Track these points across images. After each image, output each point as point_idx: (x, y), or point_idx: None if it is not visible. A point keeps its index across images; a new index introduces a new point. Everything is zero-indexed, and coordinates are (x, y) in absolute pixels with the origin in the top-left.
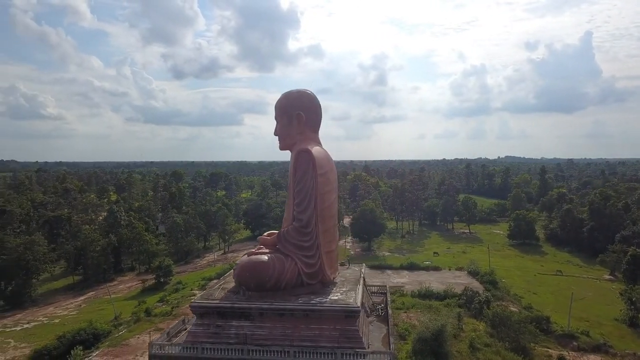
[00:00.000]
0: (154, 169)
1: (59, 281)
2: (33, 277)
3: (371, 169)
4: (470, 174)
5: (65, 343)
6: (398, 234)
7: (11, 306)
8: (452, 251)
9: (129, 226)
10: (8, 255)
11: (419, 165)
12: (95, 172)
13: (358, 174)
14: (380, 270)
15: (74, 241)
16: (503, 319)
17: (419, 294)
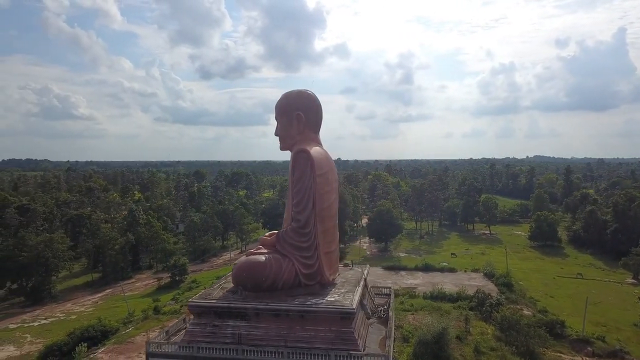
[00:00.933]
0: (180, 168)
1: (80, 278)
2: (52, 274)
3: (394, 168)
4: (495, 174)
5: (75, 339)
6: (417, 235)
7: (31, 302)
8: (470, 252)
9: (147, 225)
10: (28, 252)
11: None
12: (121, 172)
13: (378, 173)
14: (394, 271)
15: (93, 239)
16: (512, 322)
17: (431, 296)
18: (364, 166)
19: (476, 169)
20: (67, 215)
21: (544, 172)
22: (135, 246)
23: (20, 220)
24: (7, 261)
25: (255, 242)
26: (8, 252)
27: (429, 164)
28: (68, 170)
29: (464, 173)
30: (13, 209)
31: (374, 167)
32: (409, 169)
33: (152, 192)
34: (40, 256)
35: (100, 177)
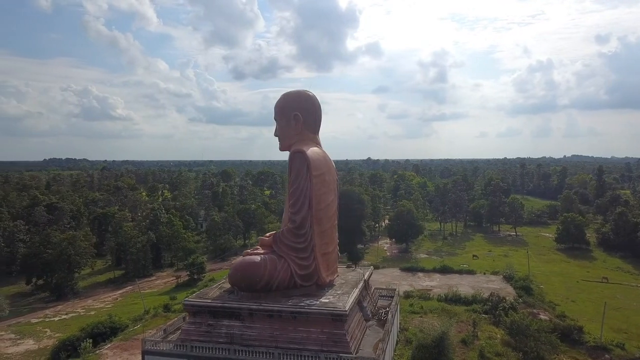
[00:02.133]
0: (212, 167)
1: (103, 275)
2: (75, 271)
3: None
4: (526, 174)
5: (85, 335)
6: (440, 236)
7: (55, 298)
8: (492, 254)
9: (168, 224)
10: (52, 249)
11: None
12: (152, 171)
13: (402, 173)
14: (411, 272)
15: (115, 237)
16: (521, 327)
17: (445, 298)
18: (394, 166)
19: (507, 169)
20: (94, 213)
21: (580, 172)
22: (157, 244)
23: (48, 218)
24: (33, 258)
25: None
26: (34, 249)
27: (461, 163)
28: (103, 170)
29: (492, 173)
30: (42, 207)
31: (404, 167)
32: (439, 169)
33: (180, 191)
34: (63, 253)
35: (132, 176)
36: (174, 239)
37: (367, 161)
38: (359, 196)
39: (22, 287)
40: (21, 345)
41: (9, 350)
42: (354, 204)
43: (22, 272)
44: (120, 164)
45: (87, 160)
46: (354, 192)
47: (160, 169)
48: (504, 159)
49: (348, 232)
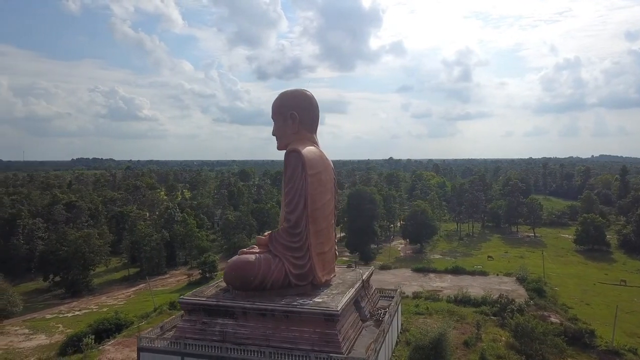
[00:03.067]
0: (234, 167)
1: (119, 272)
2: (89, 268)
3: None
4: (548, 174)
5: (91, 331)
6: (456, 236)
7: (70, 294)
8: (508, 255)
9: (182, 222)
10: (68, 247)
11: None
12: (174, 171)
13: (419, 173)
14: (422, 273)
15: (130, 236)
16: (526, 329)
17: (455, 300)
18: (416, 166)
19: (529, 169)
20: (112, 212)
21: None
22: (171, 243)
23: (67, 216)
24: (50, 255)
25: None
26: (51, 246)
27: (485, 163)
28: (127, 169)
29: (515, 173)
30: (61, 206)
31: (426, 167)
32: (461, 169)
33: (198, 191)
34: (78, 251)
35: (153, 176)
36: (187, 237)
37: (388, 161)
38: (371, 196)
39: (40, 284)
40: (33, 340)
41: (22, 345)
42: (365, 204)
43: (40, 268)
44: (145, 164)
45: (113, 160)
46: (365, 192)
47: (183, 169)
48: (529, 158)
49: (359, 232)
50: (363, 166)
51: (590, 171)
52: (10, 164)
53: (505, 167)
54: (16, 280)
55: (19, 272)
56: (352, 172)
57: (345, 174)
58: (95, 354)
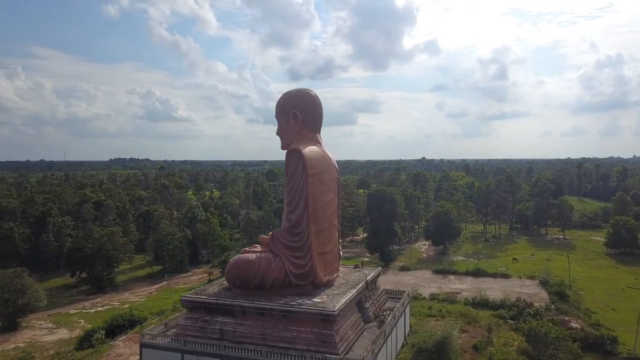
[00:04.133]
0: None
1: (143, 270)
2: (113, 265)
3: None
4: (583, 174)
5: (106, 327)
6: (482, 238)
7: (95, 290)
8: (534, 258)
9: (205, 221)
10: (93, 244)
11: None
12: (204, 170)
13: (447, 173)
14: (442, 275)
15: (154, 234)
16: (539, 334)
17: (472, 302)
18: (448, 166)
19: (563, 169)
20: (139, 210)
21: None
22: (194, 241)
23: (95, 215)
24: (77, 252)
25: None
26: (78, 244)
27: (520, 163)
28: (160, 169)
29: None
30: (90, 204)
31: (459, 167)
32: (494, 169)
33: (226, 190)
34: (102, 248)
35: (183, 175)
36: (210, 236)
37: (421, 161)
38: (391, 196)
39: (68, 280)
40: (56, 334)
41: (44, 338)
42: (385, 205)
43: (67, 265)
44: (179, 164)
45: (149, 160)
46: (385, 192)
47: (215, 169)
48: (567, 159)
49: (380, 233)
50: (394, 166)
51: (627, 171)
52: (52, 164)
53: (540, 167)
54: (46, 275)
55: (49, 268)
56: (381, 172)
57: (374, 174)
58: (105, 348)
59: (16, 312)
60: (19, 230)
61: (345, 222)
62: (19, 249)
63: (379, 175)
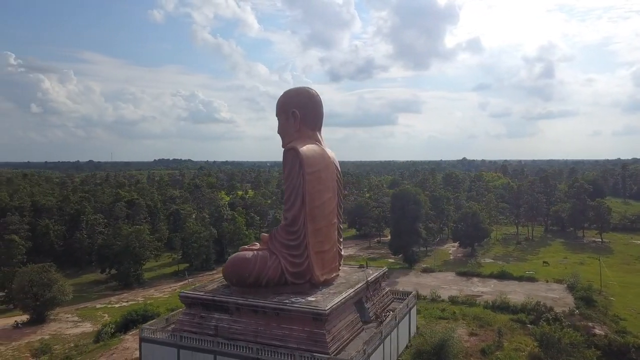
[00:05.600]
0: None
1: (171, 267)
2: (140, 262)
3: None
4: (628, 175)
5: (121, 321)
6: (514, 240)
7: (122, 286)
8: (566, 261)
9: (231, 220)
10: (121, 241)
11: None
12: (241, 171)
13: (480, 173)
14: (466, 277)
15: (180, 232)
16: (552, 339)
17: (492, 306)
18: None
19: (607, 170)
20: (170, 209)
21: None
22: (220, 240)
23: (127, 213)
24: (106, 248)
25: None
26: (107, 241)
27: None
28: (199, 169)
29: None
30: (122, 203)
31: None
32: (535, 170)
33: (259, 190)
34: (129, 245)
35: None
36: (235, 235)
37: (461, 161)
38: (415, 197)
39: (99, 276)
40: (79, 327)
41: (68, 331)
42: (409, 205)
43: (98, 261)
44: (220, 164)
45: (191, 161)
46: (409, 193)
47: (253, 169)
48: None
49: (403, 234)
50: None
51: None
52: (100, 165)
53: (585, 168)
54: (80, 271)
55: (82, 264)
56: (416, 172)
57: (408, 175)
58: (115, 342)
59: (44, 306)
60: (54, 227)
61: (371, 223)
62: (54, 245)
63: (413, 176)
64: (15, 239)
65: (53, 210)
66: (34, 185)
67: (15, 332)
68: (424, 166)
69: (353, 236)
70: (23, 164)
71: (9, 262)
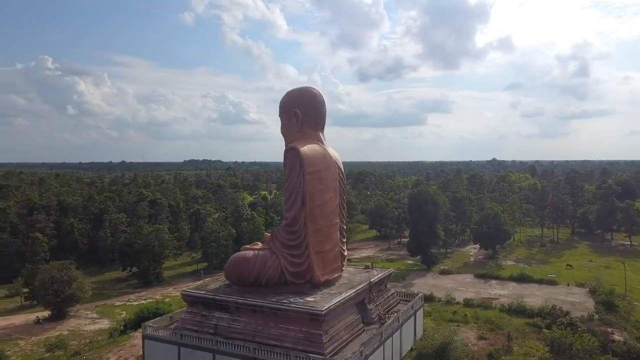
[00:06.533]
0: None
1: (191, 266)
2: (159, 261)
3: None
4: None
5: (134, 319)
6: (539, 242)
7: (142, 284)
8: (591, 265)
9: (250, 220)
10: (141, 240)
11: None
12: (266, 171)
13: (504, 174)
14: (484, 279)
15: (200, 232)
16: (562, 344)
17: (508, 309)
18: (521, 167)
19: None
20: (192, 209)
21: None
22: (238, 239)
23: (150, 212)
24: (127, 247)
25: (360, 242)
26: (129, 239)
27: (600, 165)
28: (227, 169)
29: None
30: (145, 203)
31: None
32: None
33: (282, 190)
34: (148, 244)
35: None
36: (254, 234)
37: (491, 162)
38: (433, 197)
39: (120, 274)
40: (97, 324)
41: (86, 327)
42: (427, 206)
43: (120, 259)
44: (249, 165)
45: (220, 162)
46: (426, 193)
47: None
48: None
49: (421, 235)
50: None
51: None
52: (132, 165)
53: (620, 169)
54: (103, 269)
55: (105, 262)
56: (442, 173)
57: (434, 175)
58: (124, 339)
59: (64, 302)
60: (78, 226)
61: (391, 224)
62: (79, 243)
63: (439, 177)
64: (39, 236)
65: (78, 209)
66: (63, 185)
67: (36, 328)
68: (452, 167)
69: (374, 237)
70: (59, 165)
71: (33, 259)
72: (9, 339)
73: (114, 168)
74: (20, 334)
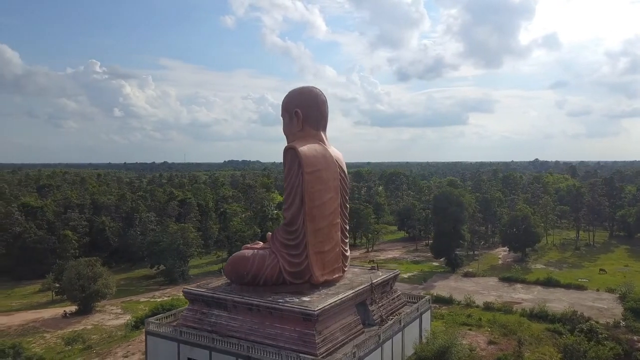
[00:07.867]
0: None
1: (217, 265)
2: (184, 259)
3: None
4: None
5: (150, 315)
6: (573, 245)
7: (168, 282)
8: (626, 270)
9: (276, 220)
10: (167, 239)
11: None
12: None
13: (538, 175)
14: (508, 283)
15: (225, 231)
16: (575, 352)
17: (530, 314)
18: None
19: None
20: (221, 208)
21: None
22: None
23: (179, 212)
24: (154, 245)
25: (387, 242)
26: (157, 238)
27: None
28: (264, 170)
29: None
30: (175, 202)
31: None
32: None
33: None
34: (174, 243)
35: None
36: None
37: (533, 163)
38: (458, 198)
39: (149, 271)
40: (120, 319)
41: (109, 322)
42: (451, 207)
43: (148, 257)
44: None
45: (259, 162)
46: (451, 194)
47: None
48: None
49: (443, 236)
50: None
51: None
52: (173, 166)
53: None
54: (133, 266)
55: (135, 259)
56: (478, 173)
57: (470, 176)
58: (135, 334)
59: (89, 298)
60: (110, 224)
61: (418, 225)
62: (110, 241)
63: (475, 177)
64: (68, 234)
65: (111, 208)
66: (102, 185)
67: (63, 322)
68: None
69: (401, 239)
70: (105, 165)
71: (63, 255)
72: (36, 332)
73: (155, 168)
74: (47, 327)
